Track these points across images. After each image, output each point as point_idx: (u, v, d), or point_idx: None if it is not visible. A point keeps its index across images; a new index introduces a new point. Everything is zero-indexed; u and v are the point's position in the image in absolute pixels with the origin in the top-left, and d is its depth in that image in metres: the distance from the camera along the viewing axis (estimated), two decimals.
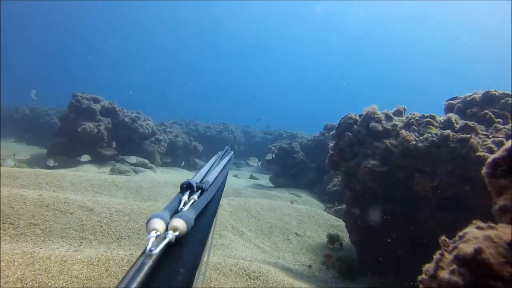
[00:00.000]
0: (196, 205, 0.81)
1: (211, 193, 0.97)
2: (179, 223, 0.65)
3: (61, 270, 2.72)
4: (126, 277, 0.50)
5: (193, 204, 0.82)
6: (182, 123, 23.94)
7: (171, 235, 0.63)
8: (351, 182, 5.26)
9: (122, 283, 0.49)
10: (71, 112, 12.49)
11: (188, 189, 0.90)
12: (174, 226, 0.65)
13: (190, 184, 0.91)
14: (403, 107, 5.38)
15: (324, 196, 10.54)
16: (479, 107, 5.10)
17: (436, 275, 1.19)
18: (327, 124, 13.98)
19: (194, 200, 0.84)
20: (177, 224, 0.65)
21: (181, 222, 0.66)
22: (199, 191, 0.92)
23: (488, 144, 4.14)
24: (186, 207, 0.79)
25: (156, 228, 0.63)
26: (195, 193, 0.90)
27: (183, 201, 0.82)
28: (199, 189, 0.92)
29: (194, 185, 0.91)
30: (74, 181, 6.62)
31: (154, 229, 0.62)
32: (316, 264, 5.19)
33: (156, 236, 0.61)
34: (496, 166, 1.38)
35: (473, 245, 1.08)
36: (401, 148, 4.64)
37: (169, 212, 0.71)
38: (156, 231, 0.62)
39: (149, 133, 14.11)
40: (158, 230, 0.63)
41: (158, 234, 0.62)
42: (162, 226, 0.64)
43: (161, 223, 0.64)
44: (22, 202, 4.27)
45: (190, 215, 0.71)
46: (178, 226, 0.65)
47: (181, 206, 0.79)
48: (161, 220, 0.65)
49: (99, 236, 4.13)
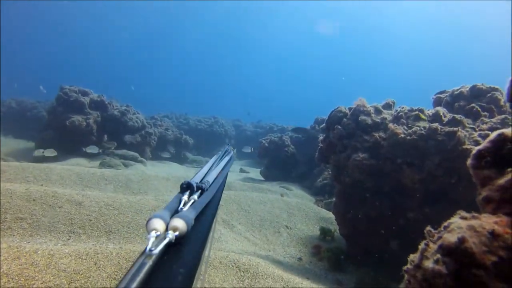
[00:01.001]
0: (196, 205, 0.82)
1: (211, 193, 0.98)
2: (179, 223, 0.66)
3: (48, 264, 2.69)
4: (126, 277, 0.50)
5: (193, 204, 0.82)
6: (173, 116, 23.77)
7: (171, 235, 0.63)
8: (340, 175, 5.29)
9: (122, 283, 0.49)
10: (59, 105, 12.28)
11: (188, 189, 0.91)
12: (174, 226, 0.65)
13: (190, 184, 0.92)
14: (392, 101, 5.42)
15: (314, 189, 10.61)
16: (466, 100, 5.16)
17: (420, 265, 1.20)
18: (317, 118, 14.03)
19: (194, 200, 0.85)
20: (177, 224, 0.65)
21: (181, 222, 0.66)
22: (199, 191, 0.92)
23: (474, 137, 4.20)
24: (186, 207, 0.79)
25: (156, 228, 0.63)
26: (195, 193, 0.90)
27: (183, 201, 0.83)
28: (199, 189, 0.93)
29: (194, 185, 0.92)
30: (63, 174, 6.54)
31: (154, 229, 0.63)
32: (306, 257, 5.23)
33: (156, 236, 0.62)
34: (481, 157, 1.40)
35: (457, 234, 1.10)
36: (390, 141, 4.68)
37: (169, 212, 0.71)
38: (156, 231, 0.63)
39: (139, 127, 13.99)
40: (158, 230, 0.63)
41: (158, 234, 0.62)
42: (162, 226, 0.64)
43: (161, 223, 0.64)
44: (9, 196, 4.21)
45: (190, 215, 0.71)
46: (178, 226, 0.65)
47: (181, 206, 0.80)
48: (161, 220, 0.65)
49: (88, 230, 4.09)
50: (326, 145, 5.56)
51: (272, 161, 13.28)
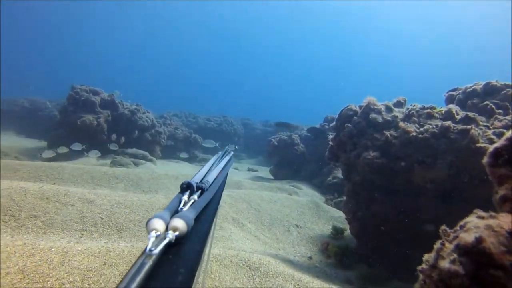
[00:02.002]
0: (196, 205, 0.81)
1: (211, 193, 0.98)
2: (179, 223, 0.66)
3: (62, 261, 2.73)
4: (126, 277, 0.51)
5: (193, 204, 0.82)
6: (182, 115, 23.89)
7: (171, 235, 0.63)
8: (351, 174, 5.26)
9: (122, 283, 0.49)
10: (70, 105, 12.45)
11: (188, 189, 0.91)
12: (174, 226, 0.65)
13: (190, 184, 0.92)
14: (404, 99, 5.36)
15: (324, 188, 10.57)
16: (479, 98, 5.08)
17: (436, 265, 1.19)
18: (327, 117, 13.98)
19: (194, 200, 0.85)
20: (177, 224, 0.65)
21: (181, 222, 0.66)
22: (199, 191, 0.92)
23: (488, 135, 4.13)
24: (186, 207, 0.79)
25: (156, 228, 0.63)
26: (195, 193, 0.90)
27: (183, 201, 0.83)
28: (199, 189, 0.93)
29: (194, 185, 0.92)
30: (74, 173, 6.62)
31: (154, 229, 0.63)
32: (316, 255, 5.22)
33: (156, 236, 0.62)
34: (497, 156, 1.38)
35: (474, 234, 1.08)
36: (401, 139, 4.63)
37: (169, 212, 0.71)
38: (156, 231, 0.63)
39: (149, 126, 14.09)
40: (158, 230, 0.63)
41: (158, 234, 0.62)
42: (162, 226, 0.64)
43: (161, 223, 0.64)
44: (23, 194, 4.28)
45: (190, 215, 0.71)
46: (178, 226, 0.65)
47: (181, 206, 0.80)
48: (161, 220, 0.65)
49: (99, 228, 4.14)
50: (336, 143, 5.52)
51: (281, 160, 13.25)
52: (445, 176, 4.23)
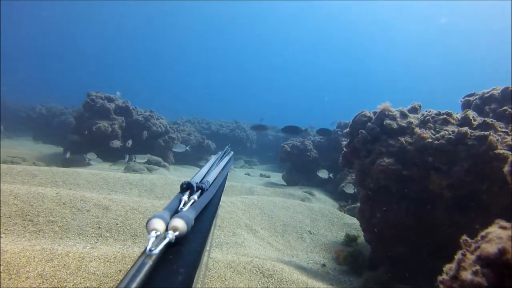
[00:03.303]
0: (196, 205, 0.82)
1: (211, 193, 0.98)
2: (179, 223, 0.66)
3: (79, 267, 2.77)
4: (126, 277, 0.51)
5: (193, 204, 0.83)
6: (195, 121, 24.07)
7: (171, 235, 0.63)
8: (365, 180, 5.20)
9: (122, 283, 0.49)
10: (86, 111, 12.70)
11: (188, 189, 0.92)
12: (174, 226, 0.65)
13: (190, 184, 0.93)
14: (419, 104, 5.30)
15: (337, 194, 10.48)
16: (498, 103, 4.98)
17: (458, 276, 1.16)
18: (340, 122, 13.88)
19: (194, 200, 0.85)
20: (177, 224, 0.66)
21: (181, 222, 0.66)
22: (199, 191, 0.93)
23: (508, 141, 4.04)
24: (186, 207, 0.80)
25: (156, 228, 0.63)
26: (195, 193, 0.91)
27: (183, 201, 0.83)
28: (199, 189, 0.93)
29: (194, 185, 0.93)
30: (90, 179, 6.73)
31: (154, 229, 0.63)
32: (330, 263, 5.16)
33: (156, 236, 0.62)
34: None
35: (497, 245, 1.06)
36: (416, 145, 4.56)
37: (169, 212, 0.72)
38: (156, 231, 0.63)
39: (162, 132, 14.24)
40: (158, 230, 0.63)
41: (158, 234, 0.63)
42: (162, 226, 0.65)
43: (161, 223, 0.65)
44: (41, 200, 4.37)
45: (190, 215, 0.72)
46: (178, 226, 0.66)
47: (181, 206, 0.80)
48: (161, 220, 0.65)
49: (114, 233, 4.19)
50: (350, 149, 5.48)
51: (294, 166, 13.19)
52: (462, 183, 4.15)
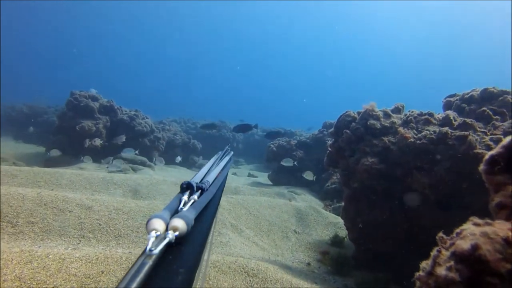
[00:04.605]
0: (196, 205, 0.81)
1: (211, 193, 0.98)
2: (179, 223, 0.66)
3: (60, 268, 2.72)
4: (126, 277, 0.51)
5: (193, 204, 0.82)
6: (181, 121, 23.93)
7: (171, 235, 0.63)
8: (349, 180, 5.26)
9: (122, 283, 0.49)
10: (69, 110, 12.44)
11: (188, 189, 0.91)
12: (174, 226, 0.65)
13: (190, 184, 0.92)
14: (402, 105, 5.39)
15: (322, 194, 10.56)
16: (477, 104, 5.10)
17: (433, 272, 1.19)
18: (326, 122, 13.99)
19: (194, 200, 0.85)
20: (177, 224, 0.65)
21: (181, 222, 0.66)
22: (199, 191, 0.92)
23: (486, 141, 4.15)
24: (186, 207, 0.79)
25: (156, 228, 0.63)
26: (195, 193, 0.90)
27: (183, 201, 0.83)
28: (199, 189, 0.93)
29: (194, 185, 0.92)
30: (73, 179, 6.61)
31: (154, 229, 0.63)
32: (315, 262, 5.20)
33: (156, 236, 0.62)
34: (494, 163, 1.39)
35: (470, 241, 1.09)
36: (399, 145, 4.64)
37: (169, 212, 0.71)
38: (156, 231, 0.63)
39: (148, 131, 14.09)
40: (158, 230, 0.63)
41: (158, 234, 0.62)
42: (162, 226, 0.64)
43: (161, 223, 0.64)
44: (21, 201, 4.26)
45: (190, 215, 0.71)
46: (178, 226, 0.65)
47: (181, 206, 0.80)
48: (161, 220, 0.65)
49: (97, 234, 4.12)
50: (335, 149, 5.53)
51: (280, 166, 13.23)
52: (443, 182, 4.24)
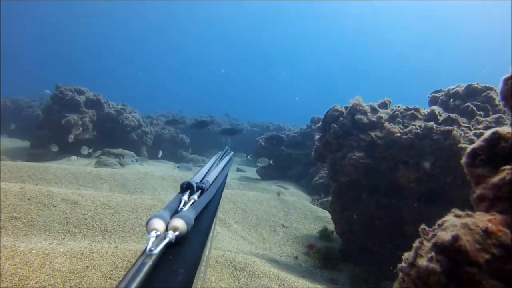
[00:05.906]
0: (196, 205, 0.82)
1: (211, 193, 0.98)
2: (179, 223, 0.66)
3: (43, 264, 2.67)
4: (126, 277, 0.50)
5: (193, 204, 0.83)
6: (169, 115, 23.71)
7: (171, 235, 0.63)
8: (336, 174, 5.30)
9: (122, 282, 0.49)
10: (54, 104, 12.22)
11: (188, 189, 0.92)
12: (174, 226, 0.65)
13: (190, 184, 0.92)
14: (388, 100, 5.44)
15: (310, 188, 10.63)
16: (461, 100, 5.19)
17: (415, 263, 1.21)
18: (314, 117, 14.05)
19: (194, 200, 0.85)
20: (177, 224, 0.66)
21: (181, 222, 0.66)
22: (199, 191, 0.93)
23: (469, 136, 4.22)
24: (186, 207, 0.79)
25: (156, 228, 0.63)
26: (195, 193, 0.90)
27: (183, 201, 0.83)
28: (199, 189, 0.93)
29: (194, 185, 0.93)
30: (58, 174, 6.51)
31: (154, 229, 0.63)
32: (302, 255, 5.24)
33: (156, 236, 0.62)
34: (475, 156, 1.41)
35: (451, 232, 1.10)
36: (385, 140, 4.69)
37: (169, 212, 0.72)
38: (156, 231, 0.63)
39: (135, 126, 13.94)
40: (158, 230, 0.63)
41: (158, 234, 0.62)
42: (162, 226, 0.64)
43: (161, 223, 0.65)
44: (3, 196, 4.18)
45: (190, 215, 0.71)
46: (178, 226, 0.65)
47: (181, 206, 0.80)
48: (161, 220, 0.65)
49: (83, 229, 4.07)
50: (323, 144, 5.56)
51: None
52: (428, 177, 4.31)
